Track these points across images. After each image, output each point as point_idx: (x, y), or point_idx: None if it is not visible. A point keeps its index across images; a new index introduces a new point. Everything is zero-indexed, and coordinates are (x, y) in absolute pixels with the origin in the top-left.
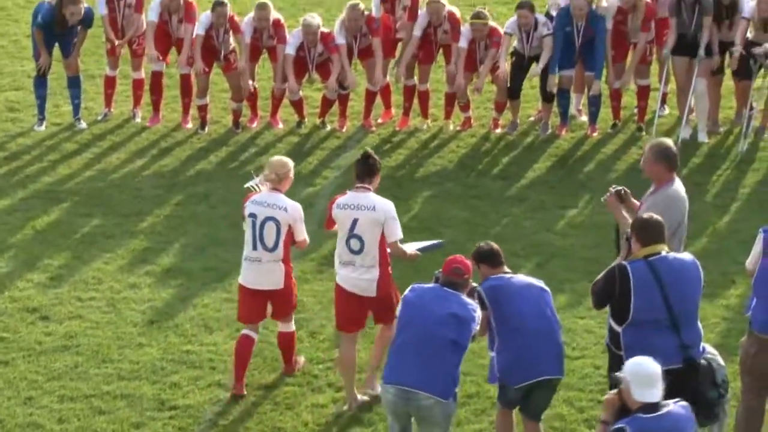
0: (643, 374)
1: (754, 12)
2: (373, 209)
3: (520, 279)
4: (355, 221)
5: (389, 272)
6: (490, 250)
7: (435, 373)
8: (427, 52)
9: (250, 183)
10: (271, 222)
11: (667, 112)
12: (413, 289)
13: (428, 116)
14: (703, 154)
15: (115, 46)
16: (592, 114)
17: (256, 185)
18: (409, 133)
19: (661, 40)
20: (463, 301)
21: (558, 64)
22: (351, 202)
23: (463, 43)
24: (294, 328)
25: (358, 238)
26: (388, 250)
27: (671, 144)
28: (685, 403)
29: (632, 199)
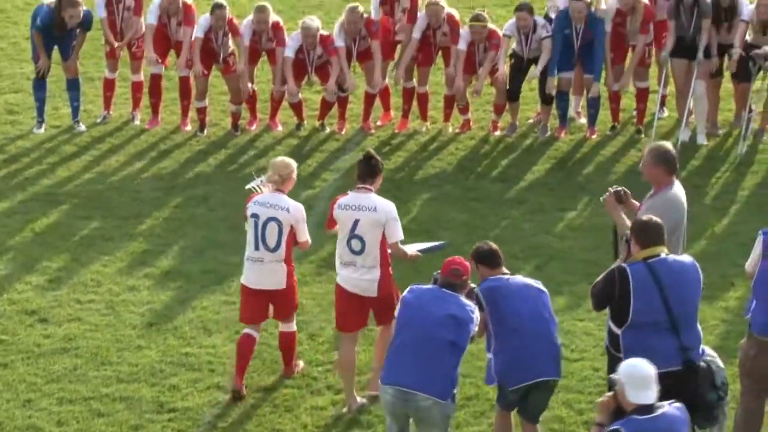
0: (638, 376)
1: (753, 15)
2: (374, 210)
3: (518, 280)
4: (357, 222)
5: (390, 273)
6: (489, 251)
7: (433, 374)
8: (426, 55)
9: (251, 184)
10: (274, 222)
11: (666, 114)
12: (412, 290)
13: (427, 119)
14: (702, 156)
15: (114, 48)
16: (591, 116)
17: (258, 186)
18: (408, 136)
19: (660, 42)
20: (461, 303)
21: (557, 67)
22: (352, 203)
23: (462, 46)
24: (295, 328)
25: (360, 239)
26: (389, 251)
27: (670, 147)
28: (680, 405)
29: (632, 201)
